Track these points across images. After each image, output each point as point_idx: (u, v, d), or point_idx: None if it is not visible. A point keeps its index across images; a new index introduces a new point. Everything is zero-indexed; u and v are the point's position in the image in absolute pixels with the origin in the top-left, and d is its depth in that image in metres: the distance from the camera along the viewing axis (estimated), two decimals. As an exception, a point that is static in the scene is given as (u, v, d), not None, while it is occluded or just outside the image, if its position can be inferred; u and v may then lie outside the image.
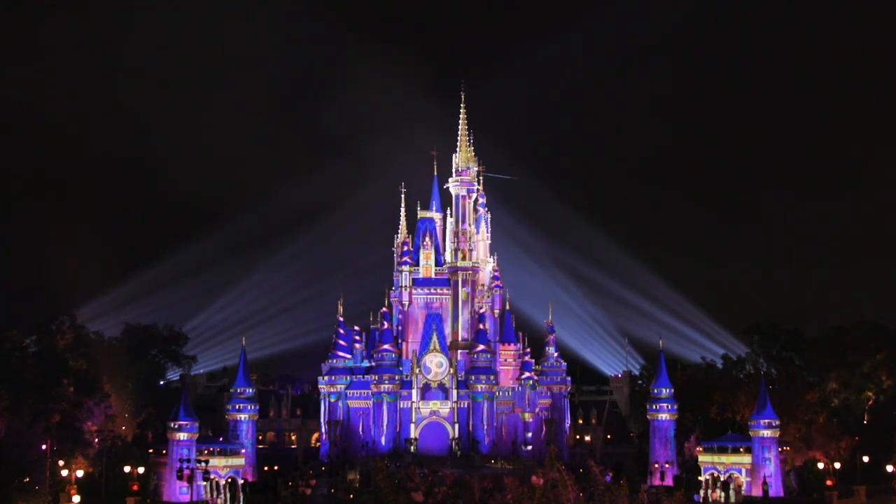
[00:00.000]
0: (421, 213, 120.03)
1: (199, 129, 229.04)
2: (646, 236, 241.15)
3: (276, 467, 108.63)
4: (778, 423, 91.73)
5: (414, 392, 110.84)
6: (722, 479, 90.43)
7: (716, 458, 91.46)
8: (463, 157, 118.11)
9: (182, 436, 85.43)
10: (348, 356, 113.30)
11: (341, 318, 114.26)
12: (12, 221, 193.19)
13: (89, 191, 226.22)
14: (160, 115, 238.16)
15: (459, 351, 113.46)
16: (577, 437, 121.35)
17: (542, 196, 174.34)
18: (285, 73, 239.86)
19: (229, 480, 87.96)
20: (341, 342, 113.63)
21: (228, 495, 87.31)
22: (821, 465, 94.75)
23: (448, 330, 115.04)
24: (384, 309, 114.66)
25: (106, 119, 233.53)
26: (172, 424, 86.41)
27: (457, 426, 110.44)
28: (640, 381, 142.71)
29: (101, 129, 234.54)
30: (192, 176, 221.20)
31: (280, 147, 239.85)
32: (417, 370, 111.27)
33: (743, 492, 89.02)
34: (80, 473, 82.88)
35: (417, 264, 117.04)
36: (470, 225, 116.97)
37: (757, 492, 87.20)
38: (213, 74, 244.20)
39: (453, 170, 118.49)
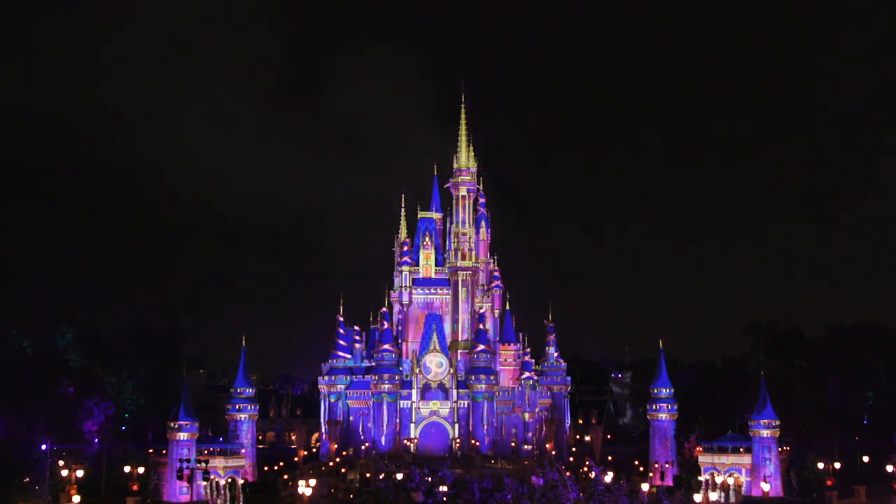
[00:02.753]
0: (421, 213, 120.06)
1: (199, 130, 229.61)
2: (647, 237, 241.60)
3: (276, 467, 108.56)
4: (778, 423, 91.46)
5: (414, 392, 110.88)
6: (722, 479, 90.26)
7: (716, 458, 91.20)
8: (463, 157, 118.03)
9: (182, 436, 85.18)
10: (348, 356, 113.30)
11: (341, 318, 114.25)
12: (13, 222, 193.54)
13: (89, 191, 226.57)
14: (160, 116, 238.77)
15: (459, 351, 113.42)
16: (577, 437, 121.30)
17: (542, 195, 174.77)
18: (284, 72, 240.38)
19: (229, 480, 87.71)
20: (341, 342, 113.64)
21: (228, 495, 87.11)
22: (821, 465, 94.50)
23: (448, 330, 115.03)
24: (384, 309, 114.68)
25: (106, 120, 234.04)
26: (172, 424, 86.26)
27: (457, 426, 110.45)
28: (640, 381, 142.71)
29: (101, 129, 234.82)
30: (192, 176, 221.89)
31: (279, 146, 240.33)
32: (417, 370, 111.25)
33: (743, 492, 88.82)
34: (80, 473, 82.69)
35: (417, 264, 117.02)
36: (470, 225, 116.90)
37: (757, 492, 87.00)
38: (213, 75, 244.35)
39: (453, 170, 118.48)
